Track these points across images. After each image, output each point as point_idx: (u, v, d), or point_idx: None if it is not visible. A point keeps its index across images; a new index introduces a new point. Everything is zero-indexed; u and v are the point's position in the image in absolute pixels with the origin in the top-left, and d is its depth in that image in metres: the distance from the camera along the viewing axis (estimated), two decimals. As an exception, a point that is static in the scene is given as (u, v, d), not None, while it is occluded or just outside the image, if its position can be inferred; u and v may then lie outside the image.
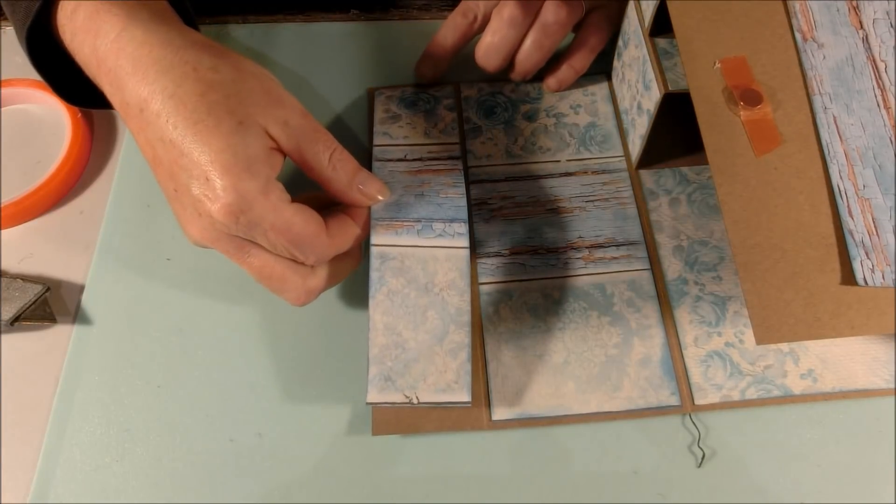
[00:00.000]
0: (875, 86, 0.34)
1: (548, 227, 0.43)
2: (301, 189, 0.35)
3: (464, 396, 0.34)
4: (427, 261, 0.36)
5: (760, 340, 0.30)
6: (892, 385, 0.38)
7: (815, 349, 0.39)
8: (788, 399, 0.38)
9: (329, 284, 0.35)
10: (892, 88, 0.34)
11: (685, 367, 0.39)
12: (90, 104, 0.40)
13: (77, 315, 0.40)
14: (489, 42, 0.45)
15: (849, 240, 0.31)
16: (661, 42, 0.41)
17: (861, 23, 0.35)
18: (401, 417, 0.37)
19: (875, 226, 0.31)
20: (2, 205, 0.42)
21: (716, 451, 0.37)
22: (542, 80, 0.49)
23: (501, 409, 0.37)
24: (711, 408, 0.38)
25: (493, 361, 0.39)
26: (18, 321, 0.39)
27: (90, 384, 0.38)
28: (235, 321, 0.40)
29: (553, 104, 0.48)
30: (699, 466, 0.37)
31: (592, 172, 0.45)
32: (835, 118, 0.33)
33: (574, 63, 0.47)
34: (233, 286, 0.41)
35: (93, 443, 0.37)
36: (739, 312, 0.40)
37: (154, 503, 0.35)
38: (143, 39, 0.32)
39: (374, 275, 0.36)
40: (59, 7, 0.34)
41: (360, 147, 0.47)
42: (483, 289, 0.41)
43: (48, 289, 0.40)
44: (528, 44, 0.45)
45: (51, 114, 0.48)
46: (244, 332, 0.40)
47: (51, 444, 0.37)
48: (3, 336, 0.40)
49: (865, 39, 0.35)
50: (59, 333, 0.40)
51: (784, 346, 0.39)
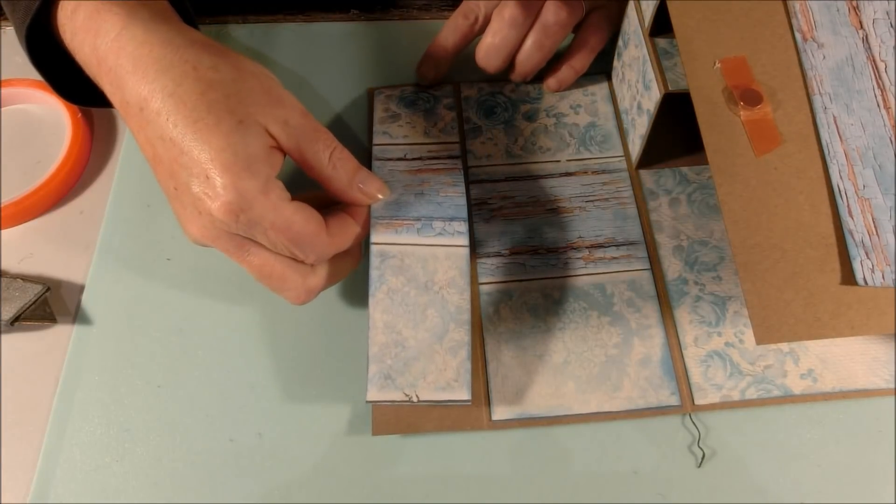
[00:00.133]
0: (875, 86, 0.34)
1: (548, 227, 0.43)
2: (301, 188, 0.35)
3: (464, 394, 0.34)
4: (427, 259, 0.36)
5: (760, 340, 0.30)
6: (892, 385, 0.38)
7: (815, 349, 0.39)
8: (788, 399, 0.38)
9: (329, 283, 0.35)
10: (892, 88, 0.34)
11: (685, 367, 0.39)
12: (90, 103, 0.40)
13: (77, 315, 0.40)
14: (490, 43, 0.45)
15: (849, 240, 0.31)
16: (661, 42, 0.41)
17: (861, 23, 0.35)
18: (401, 417, 0.37)
19: (875, 226, 0.31)
20: (2, 205, 0.42)
21: (716, 451, 0.37)
22: (542, 81, 0.49)
23: (501, 409, 0.37)
24: (711, 408, 0.38)
25: (493, 361, 0.39)
26: (18, 321, 0.39)
27: (90, 384, 0.38)
28: (235, 321, 0.40)
29: (553, 104, 0.48)
30: (699, 466, 0.36)
31: (592, 172, 0.45)
32: (835, 118, 0.33)
33: (574, 63, 0.47)
34: (233, 286, 0.41)
35: (93, 443, 0.37)
36: (739, 312, 0.40)
37: (154, 503, 0.35)
38: (144, 38, 0.32)
39: (374, 273, 0.36)
40: (60, 6, 0.34)
41: (360, 147, 0.47)
42: (483, 289, 0.41)
43: (48, 289, 0.40)
44: (529, 44, 0.45)
45: (51, 114, 0.48)
46: (244, 332, 0.40)
47: (51, 444, 0.37)
48: (3, 336, 0.40)
49: (865, 39, 0.35)
50: (59, 333, 0.40)
51: (784, 346, 0.39)
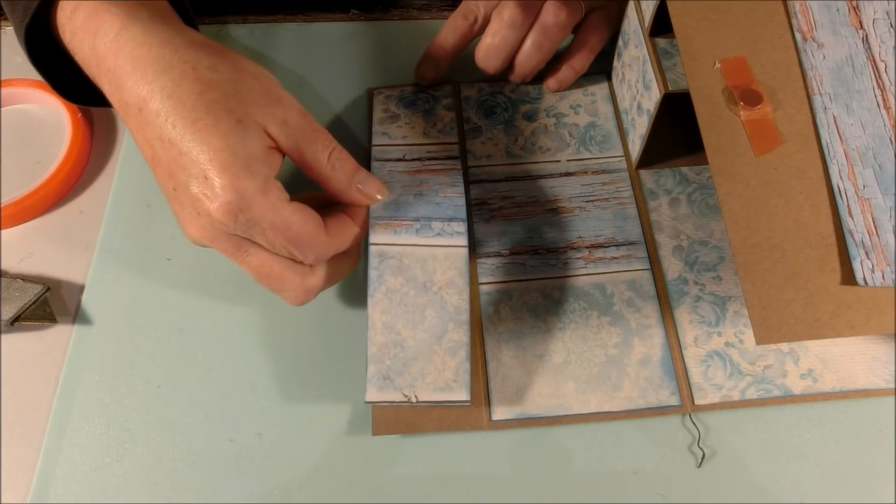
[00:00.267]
0: (875, 86, 0.34)
1: (548, 227, 0.43)
2: (300, 188, 0.35)
3: (462, 395, 0.34)
4: (426, 259, 0.36)
5: (760, 340, 0.30)
6: (892, 385, 0.38)
7: (815, 349, 0.39)
8: (788, 399, 0.38)
9: (328, 284, 0.35)
10: (892, 88, 0.34)
11: (685, 367, 0.39)
12: (90, 103, 0.40)
13: (77, 315, 0.40)
14: (489, 44, 0.45)
15: (849, 240, 0.31)
16: (661, 42, 0.41)
17: (861, 23, 0.35)
18: (400, 417, 0.37)
19: (875, 226, 0.31)
20: (2, 205, 0.42)
21: (716, 451, 0.37)
22: (542, 81, 0.49)
23: (501, 409, 0.37)
24: (711, 408, 0.37)
25: (493, 361, 0.39)
26: (18, 321, 0.39)
27: (90, 384, 0.38)
28: (235, 321, 0.40)
29: (553, 104, 0.48)
30: (699, 466, 0.36)
31: (592, 172, 0.45)
32: (835, 118, 0.33)
33: (574, 63, 0.47)
34: (233, 286, 0.41)
35: (93, 443, 0.37)
36: (739, 312, 0.40)
37: (154, 503, 0.35)
38: (142, 39, 0.32)
39: (373, 273, 0.36)
40: (59, 6, 0.34)
41: (360, 147, 0.47)
42: (483, 289, 0.41)
43: (48, 289, 0.40)
44: (528, 45, 0.45)
45: (51, 114, 0.48)
46: (244, 332, 0.40)
47: (51, 444, 0.37)
48: (3, 336, 0.40)
49: (865, 39, 0.35)
50: (59, 333, 0.40)
51: (784, 346, 0.39)
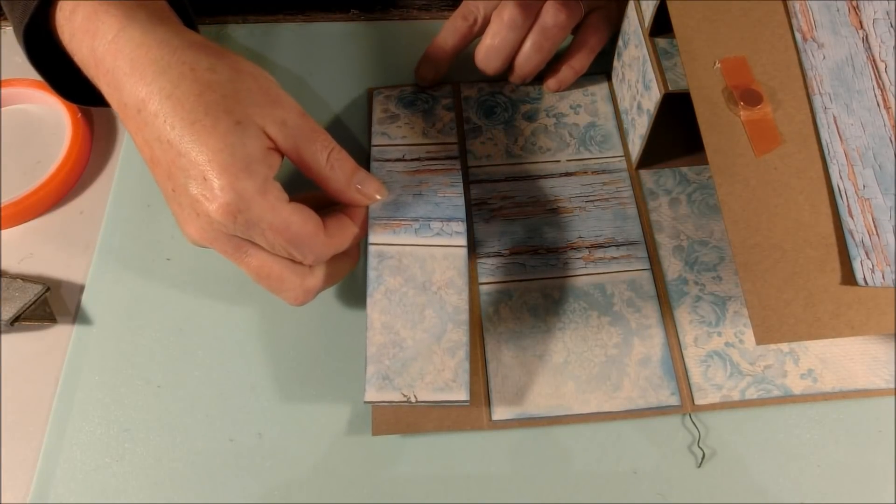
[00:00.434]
0: (875, 86, 0.34)
1: (548, 227, 0.43)
2: (299, 189, 0.35)
3: (462, 395, 0.34)
4: (425, 259, 0.36)
5: (760, 340, 0.30)
6: (892, 385, 0.38)
7: (815, 349, 0.39)
8: (788, 399, 0.38)
9: (327, 284, 0.35)
10: (892, 88, 0.34)
11: (685, 367, 0.39)
12: (90, 102, 0.40)
13: (77, 315, 0.40)
14: (489, 45, 0.45)
15: (849, 240, 0.31)
16: (661, 42, 0.41)
17: (861, 23, 0.35)
18: (400, 417, 0.37)
19: (875, 226, 0.31)
20: (2, 205, 0.42)
21: (716, 451, 0.37)
22: (542, 81, 0.49)
23: (501, 409, 0.37)
24: (711, 408, 0.37)
25: (493, 361, 0.39)
26: (18, 321, 0.39)
27: (90, 384, 0.38)
28: (235, 321, 0.40)
29: (553, 104, 0.48)
30: (699, 466, 0.36)
31: (592, 172, 0.45)
32: (835, 118, 0.33)
33: (574, 63, 0.47)
34: (233, 286, 0.41)
35: (93, 443, 0.37)
36: (739, 312, 0.40)
37: (154, 503, 0.35)
38: (141, 40, 0.32)
39: (372, 273, 0.36)
40: (58, 7, 0.34)
41: (360, 147, 0.47)
42: (483, 289, 0.41)
43: (48, 289, 0.40)
44: (528, 46, 0.45)
45: (51, 114, 0.48)
46: (244, 332, 0.40)
47: (51, 444, 0.37)
48: (3, 336, 0.40)
49: (865, 39, 0.35)
50: (59, 333, 0.40)
51: (784, 346, 0.39)
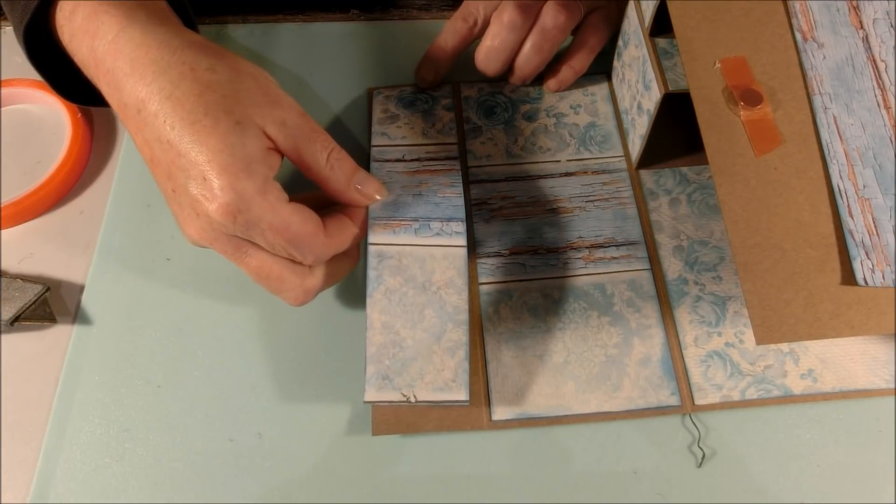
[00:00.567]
0: (875, 86, 0.34)
1: (548, 227, 0.43)
2: (299, 189, 0.35)
3: (461, 395, 0.34)
4: (425, 259, 0.36)
5: (760, 340, 0.30)
6: (892, 385, 0.38)
7: (815, 349, 0.39)
8: (788, 399, 0.38)
9: (327, 284, 0.35)
10: (892, 88, 0.34)
11: (685, 367, 0.39)
12: (90, 102, 0.40)
13: (77, 315, 0.40)
14: (489, 46, 0.45)
15: (849, 240, 0.31)
16: (661, 42, 0.41)
17: (861, 23, 0.35)
18: (400, 417, 0.37)
19: (875, 226, 0.31)
20: (2, 205, 0.42)
21: (716, 451, 0.37)
22: (542, 81, 0.49)
23: (501, 409, 0.37)
24: (711, 408, 0.37)
25: (493, 361, 0.39)
26: (18, 321, 0.39)
27: (90, 384, 0.38)
28: (235, 321, 0.40)
29: (553, 104, 0.48)
30: (699, 466, 0.36)
31: (592, 172, 0.45)
32: (835, 118, 0.33)
33: (574, 63, 0.47)
34: (233, 286, 0.41)
35: (93, 443, 0.37)
36: (739, 312, 0.40)
37: (154, 503, 0.35)
38: (141, 40, 0.32)
39: (372, 273, 0.36)
40: (58, 7, 0.34)
41: (360, 147, 0.47)
42: (483, 289, 0.41)
43: (48, 289, 0.40)
44: (528, 48, 0.45)
45: (51, 114, 0.48)
46: (244, 332, 0.40)
47: (51, 444, 0.37)
48: (3, 336, 0.40)
49: (865, 39, 0.35)
50: (59, 333, 0.40)
51: (784, 346, 0.39)
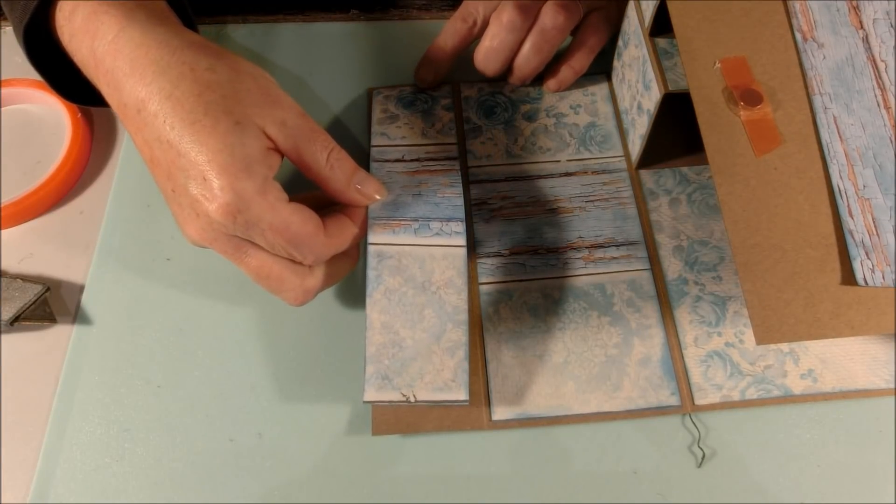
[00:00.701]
0: (875, 86, 0.34)
1: (548, 227, 0.43)
2: (299, 189, 0.35)
3: (461, 395, 0.34)
4: (424, 259, 0.36)
5: (760, 340, 0.30)
6: (892, 385, 0.38)
7: (815, 349, 0.39)
8: (788, 399, 0.38)
9: (327, 284, 0.35)
10: (892, 88, 0.34)
11: (685, 367, 0.38)
12: (90, 102, 0.40)
13: (77, 315, 0.40)
14: (488, 46, 0.45)
15: (849, 240, 0.31)
16: (661, 42, 0.41)
17: (861, 23, 0.35)
18: (400, 417, 0.37)
19: (875, 226, 0.31)
20: (2, 205, 0.42)
21: (716, 451, 0.37)
22: (542, 81, 0.49)
23: (501, 409, 0.37)
24: (711, 408, 0.37)
25: (493, 361, 0.39)
26: (18, 321, 0.39)
27: (90, 384, 0.38)
28: (235, 321, 0.40)
29: (553, 104, 0.48)
30: (699, 466, 0.36)
31: (592, 172, 0.45)
32: (835, 118, 0.33)
33: (573, 63, 0.47)
34: (233, 286, 0.41)
35: (93, 443, 0.37)
36: (739, 312, 0.40)
37: (154, 503, 0.35)
38: (141, 41, 0.32)
39: (372, 273, 0.36)
40: (58, 7, 0.34)
41: (360, 147, 0.47)
42: (483, 289, 0.41)
43: (48, 289, 0.40)
44: (527, 48, 0.45)
45: (51, 114, 0.48)
46: (244, 332, 0.40)
47: (51, 444, 0.37)
48: (3, 336, 0.40)
49: (865, 39, 0.35)
50: (59, 333, 0.40)
51: (784, 346, 0.39)
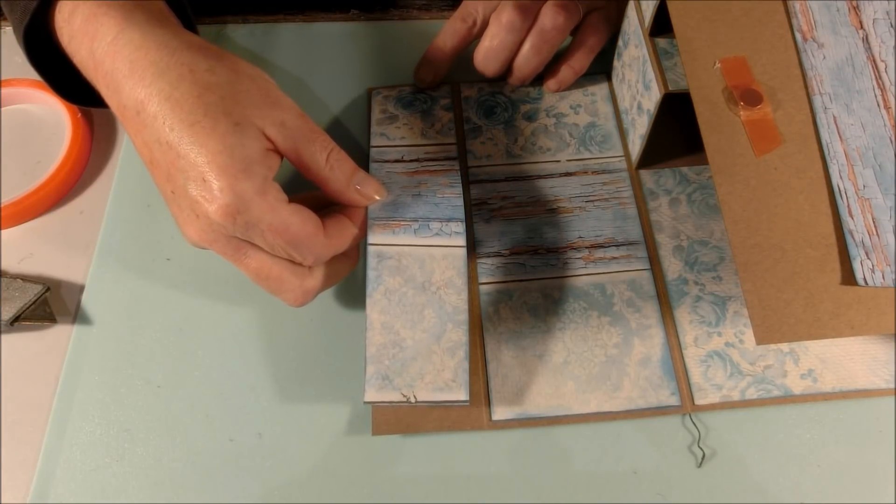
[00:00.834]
0: (875, 86, 0.34)
1: (548, 227, 0.43)
2: (299, 190, 0.35)
3: (461, 395, 0.34)
4: (424, 260, 0.36)
5: (760, 340, 0.30)
6: (892, 385, 0.38)
7: (815, 349, 0.39)
8: (788, 399, 0.38)
9: (327, 285, 0.35)
10: (892, 88, 0.34)
11: (685, 367, 0.38)
12: (89, 103, 0.40)
13: (77, 315, 0.40)
14: (487, 47, 0.45)
15: (849, 240, 0.31)
16: (661, 42, 0.41)
17: (861, 23, 0.35)
18: (400, 417, 0.37)
19: (875, 226, 0.31)
20: (2, 205, 0.42)
21: (716, 451, 0.37)
22: (542, 81, 0.48)
23: (501, 409, 0.37)
24: (711, 408, 0.37)
25: (493, 361, 0.39)
26: (18, 321, 0.39)
27: (90, 384, 0.38)
28: (235, 321, 0.40)
29: (553, 104, 0.48)
30: (699, 466, 0.36)
31: (592, 172, 0.45)
32: (835, 118, 0.33)
33: (573, 63, 0.47)
34: (232, 286, 0.41)
35: (93, 443, 0.37)
36: (739, 312, 0.40)
37: (154, 503, 0.35)
38: (140, 42, 0.32)
39: (372, 274, 0.36)
40: (57, 8, 0.34)
41: (360, 148, 0.47)
42: (483, 289, 0.41)
43: (48, 289, 0.40)
44: (527, 49, 0.45)
45: (51, 114, 0.48)
46: (244, 333, 0.40)
47: (51, 444, 0.37)
48: (3, 336, 0.40)
49: (865, 39, 0.35)
50: (59, 333, 0.40)
51: (784, 346, 0.39)
